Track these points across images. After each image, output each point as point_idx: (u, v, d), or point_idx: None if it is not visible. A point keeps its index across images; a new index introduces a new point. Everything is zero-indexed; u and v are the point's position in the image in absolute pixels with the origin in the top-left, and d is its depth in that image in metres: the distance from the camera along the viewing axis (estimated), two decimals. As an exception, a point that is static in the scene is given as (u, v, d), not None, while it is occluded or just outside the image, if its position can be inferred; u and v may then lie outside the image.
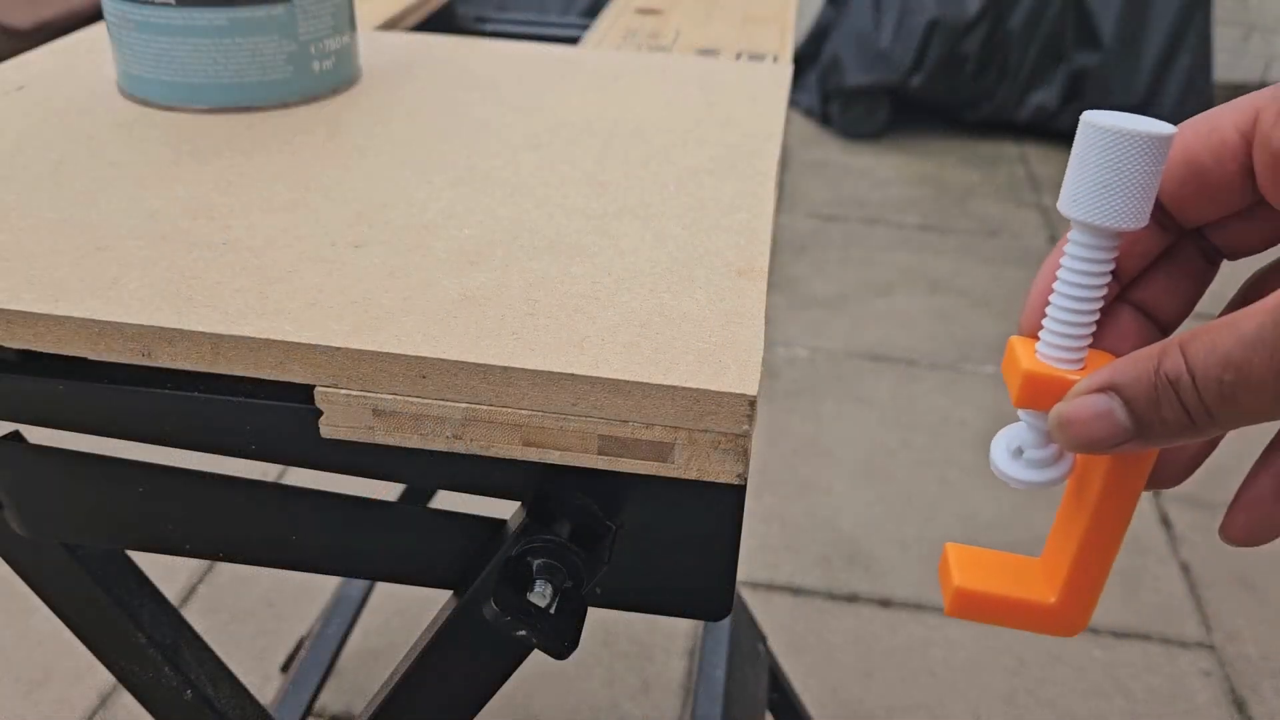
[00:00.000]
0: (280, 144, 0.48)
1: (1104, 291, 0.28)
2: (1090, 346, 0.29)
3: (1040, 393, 0.28)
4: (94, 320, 0.33)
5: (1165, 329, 0.31)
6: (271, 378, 0.33)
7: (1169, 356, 0.25)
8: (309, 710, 0.95)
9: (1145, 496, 1.45)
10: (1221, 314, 0.25)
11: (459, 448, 0.33)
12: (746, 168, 0.47)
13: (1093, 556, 0.30)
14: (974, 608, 0.31)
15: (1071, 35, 2.59)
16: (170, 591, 1.24)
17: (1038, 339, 0.29)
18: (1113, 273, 0.28)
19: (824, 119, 2.81)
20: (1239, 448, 0.50)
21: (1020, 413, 0.30)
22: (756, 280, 0.38)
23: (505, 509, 0.38)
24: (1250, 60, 3.12)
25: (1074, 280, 0.28)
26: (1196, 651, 1.22)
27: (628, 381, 0.31)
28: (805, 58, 2.84)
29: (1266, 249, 0.24)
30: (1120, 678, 1.18)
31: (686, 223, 0.42)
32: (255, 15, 0.50)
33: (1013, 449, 0.30)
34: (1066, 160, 2.28)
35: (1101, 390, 0.26)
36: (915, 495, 1.45)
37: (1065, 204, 0.27)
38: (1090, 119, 0.26)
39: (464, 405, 0.32)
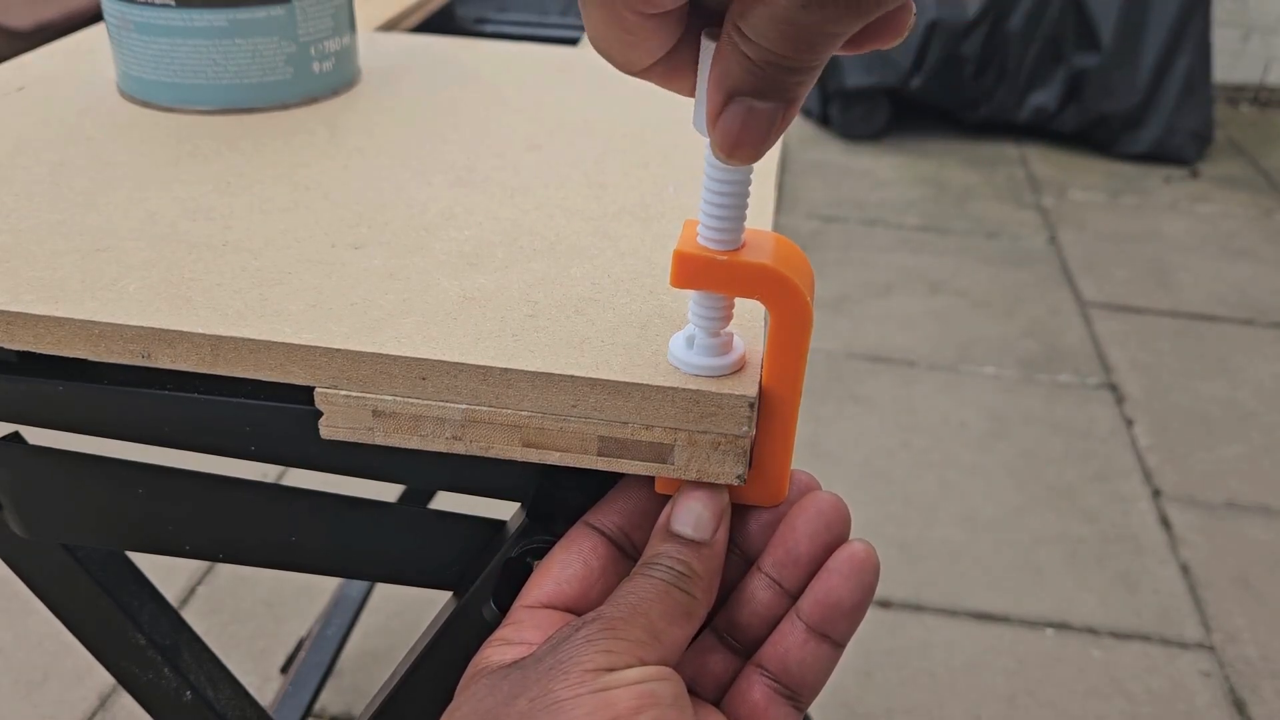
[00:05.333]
0: (280, 145, 0.48)
1: (747, 185, 0.29)
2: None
3: (694, 272, 0.30)
4: (93, 322, 0.33)
5: None
6: (271, 379, 0.33)
7: (726, 31, 0.25)
8: (309, 711, 0.95)
9: (1145, 496, 1.45)
10: None
11: (459, 449, 0.33)
12: (746, 169, 0.47)
13: (770, 429, 0.32)
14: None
15: (1071, 36, 2.59)
16: (170, 592, 1.24)
17: None
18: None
19: (824, 120, 2.81)
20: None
21: (690, 311, 0.32)
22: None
23: (505, 509, 0.38)
24: (1249, 61, 3.12)
25: (713, 188, 0.29)
26: (1196, 652, 1.22)
27: (628, 383, 0.31)
28: (805, 59, 2.83)
29: None
30: (1120, 679, 1.18)
31: (686, 224, 0.42)
32: (255, 16, 0.50)
33: (687, 339, 0.32)
34: (1066, 162, 2.26)
35: (727, 104, 0.26)
36: (915, 496, 1.45)
37: (694, 120, 0.28)
38: (709, 34, 0.27)
39: (464, 406, 0.32)
